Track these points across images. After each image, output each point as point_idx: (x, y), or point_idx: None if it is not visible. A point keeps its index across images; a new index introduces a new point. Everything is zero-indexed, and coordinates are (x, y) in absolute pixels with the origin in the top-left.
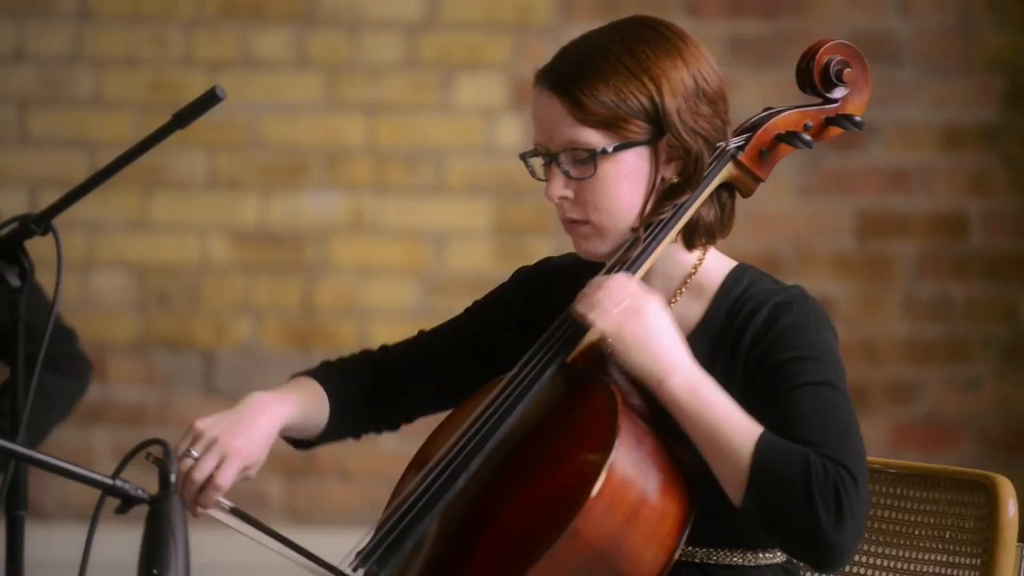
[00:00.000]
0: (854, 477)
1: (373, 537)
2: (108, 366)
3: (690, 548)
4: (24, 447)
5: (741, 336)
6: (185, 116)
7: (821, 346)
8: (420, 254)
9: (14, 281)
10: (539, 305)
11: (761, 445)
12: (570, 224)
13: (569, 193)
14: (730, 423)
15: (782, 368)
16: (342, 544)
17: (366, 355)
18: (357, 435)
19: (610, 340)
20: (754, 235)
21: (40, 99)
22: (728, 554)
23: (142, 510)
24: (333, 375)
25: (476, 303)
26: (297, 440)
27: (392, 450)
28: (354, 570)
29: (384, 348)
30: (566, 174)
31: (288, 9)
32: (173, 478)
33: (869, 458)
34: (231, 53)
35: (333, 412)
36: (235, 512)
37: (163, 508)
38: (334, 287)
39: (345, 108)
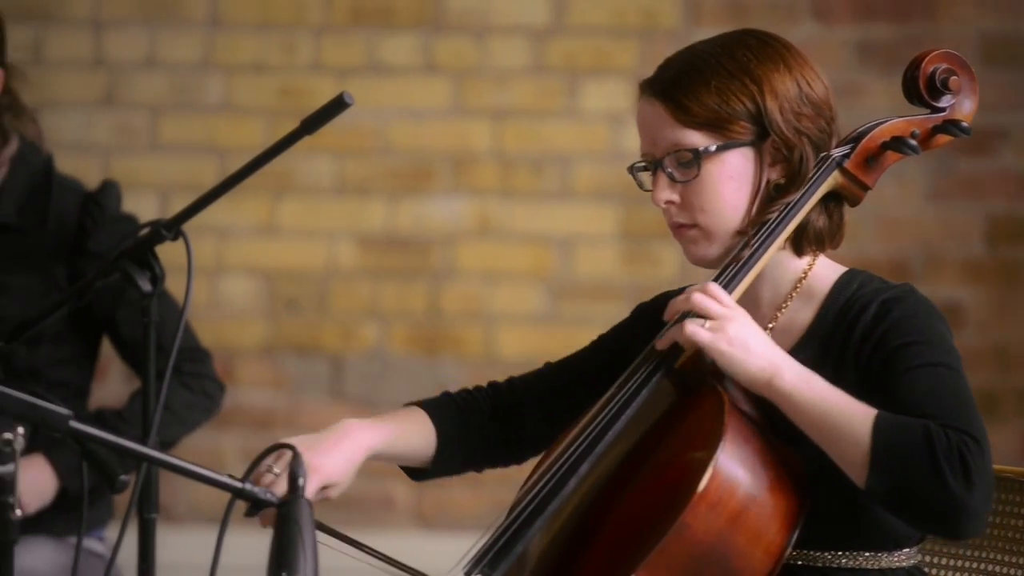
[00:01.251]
0: (978, 442)
1: (485, 541)
2: (237, 371)
3: (813, 552)
4: (155, 451)
5: (851, 333)
6: (313, 122)
7: (933, 333)
8: (546, 259)
9: (145, 286)
10: (656, 336)
11: (879, 422)
12: (678, 229)
13: (675, 197)
14: (845, 407)
15: (896, 354)
16: (471, 545)
17: (491, 387)
18: (477, 468)
19: (707, 353)
20: (883, 240)
21: (171, 105)
22: (854, 557)
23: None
24: (447, 408)
25: (599, 338)
26: (412, 470)
27: None
28: (467, 574)
29: (510, 380)
30: (670, 177)
31: (416, 15)
32: (301, 481)
33: (1000, 466)
34: (359, 59)
35: (440, 445)
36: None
37: (292, 511)
38: (461, 292)
39: (472, 113)
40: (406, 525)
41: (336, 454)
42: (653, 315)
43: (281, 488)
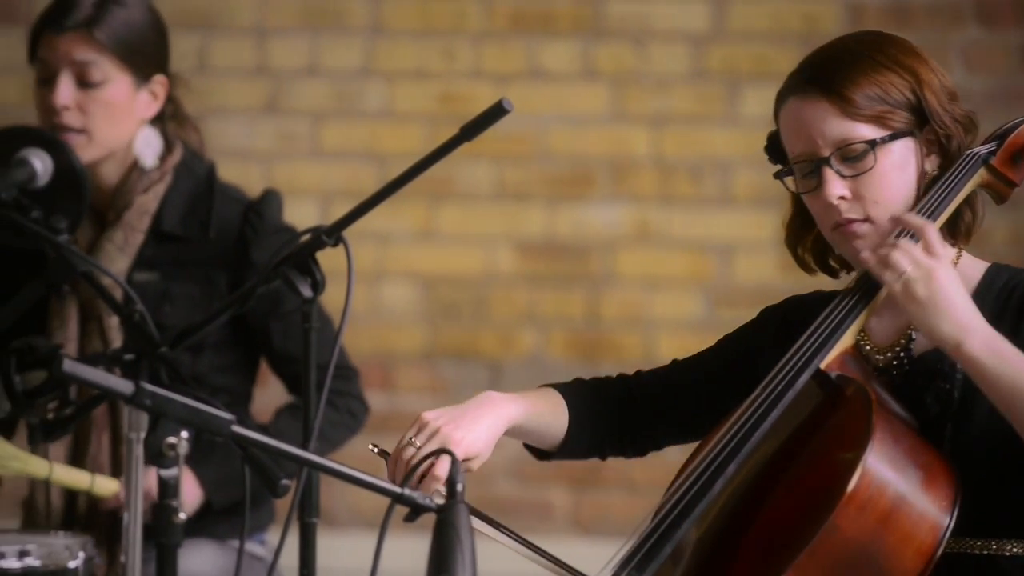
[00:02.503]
0: None
1: (633, 543)
2: (396, 376)
3: (976, 540)
4: (317, 458)
5: (1020, 317)
6: (473, 128)
7: None
8: (706, 266)
9: (306, 292)
10: (785, 339)
11: None
12: (848, 225)
13: (847, 192)
14: None
15: None
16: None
17: (621, 378)
18: (601, 455)
19: (900, 301)
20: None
21: (332, 112)
22: (1018, 544)
23: (430, 518)
24: (580, 391)
25: (724, 338)
26: (537, 450)
27: (678, 461)
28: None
29: (638, 373)
30: (839, 173)
31: (576, 21)
32: (460, 487)
33: None
34: (519, 65)
35: (572, 427)
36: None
37: (451, 516)
38: (619, 298)
39: (631, 119)
40: (563, 531)
41: (477, 427)
42: (780, 318)
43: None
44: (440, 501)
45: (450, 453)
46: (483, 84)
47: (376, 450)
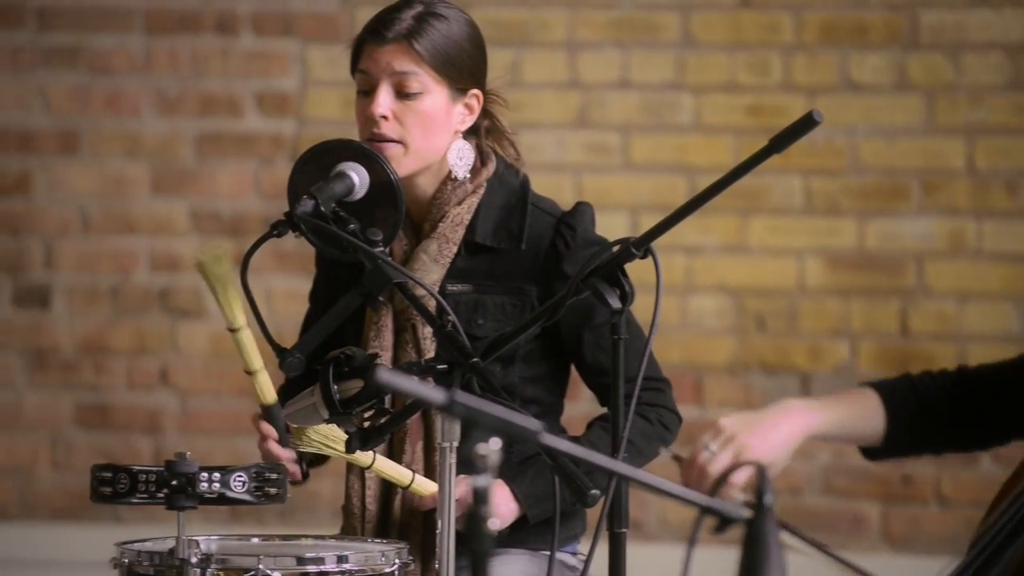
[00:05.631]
0: None
1: (960, 563)
2: (706, 388)
3: None
4: (626, 467)
5: None
6: (783, 140)
7: None
8: (1020, 279)
9: (615, 303)
10: None
11: None
12: None
13: None
14: None
15: None
16: (938, 570)
17: (958, 372)
18: (935, 451)
19: None
20: None
21: (642, 125)
22: None
23: (740, 530)
24: (902, 389)
25: None
26: (864, 449)
27: (992, 474)
28: None
29: (979, 365)
30: None
31: (889, 32)
32: (768, 499)
33: None
34: (830, 77)
35: (890, 427)
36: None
37: (760, 528)
38: (932, 311)
39: (945, 131)
40: (875, 545)
41: (773, 435)
42: None
43: (719, 466)
44: (745, 511)
45: (758, 464)
46: (794, 96)
47: (671, 455)
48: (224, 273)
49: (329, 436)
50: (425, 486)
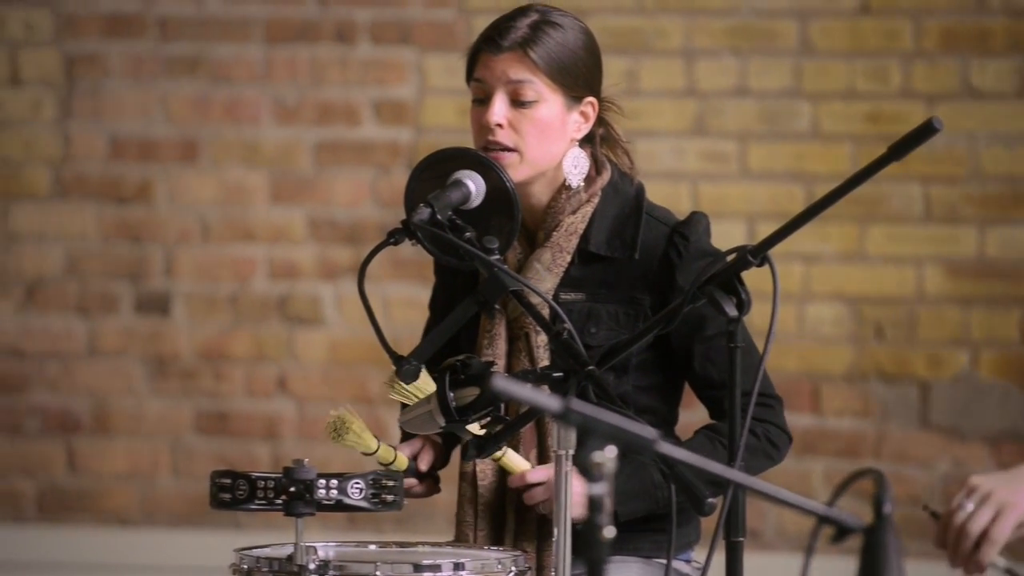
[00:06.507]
0: None
1: None
2: (823, 396)
3: None
4: (742, 476)
5: None
6: (902, 148)
7: None
8: None
9: (731, 311)
10: None
11: None
12: None
13: None
14: None
15: None
16: None
17: None
18: None
19: None
20: None
21: (760, 133)
22: None
23: (858, 540)
24: None
25: None
26: None
27: None
28: None
29: None
30: None
31: (1011, 39)
32: (887, 508)
33: None
34: (950, 84)
35: None
36: (1010, 573)
37: (878, 538)
38: None
39: None
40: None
41: None
42: None
43: (980, 523)
44: (1000, 571)
45: (876, 473)
46: (913, 103)
47: (929, 511)
48: (353, 437)
49: (420, 388)
50: (516, 462)
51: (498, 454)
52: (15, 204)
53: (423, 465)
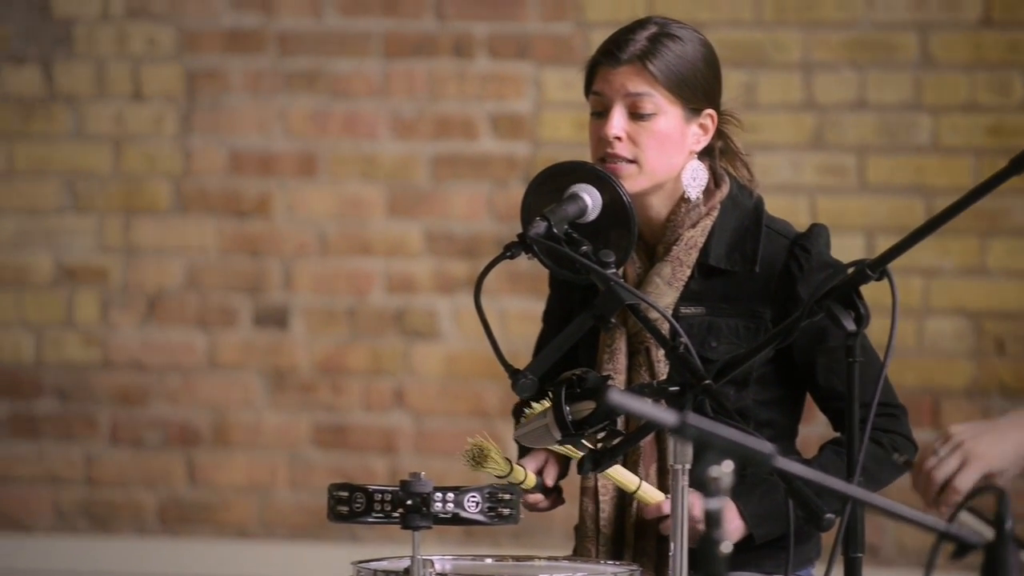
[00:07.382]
0: None
1: None
2: (943, 412)
3: None
4: (861, 492)
5: None
6: (1023, 161)
7: None
8: None
9: (849, 325)
10: None
11: None
12: None
13: None
14: None
15: None
16: None
17: None
18: None
19: None
20: None
21: (879, 146)
22: None
23: (978, 557)
24: None
25: None
26: None
27: None
28: None
29: None
30: None
31: None
32: (1009, 525)
33: None
34: None
35: None
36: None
37: (999, 555)
38: None
39: None
40: None
41: (1003, 443)
42: None
43: (944, 471)
44: (985, 537)
45: (999, 491)
46: None
47: (902, 460)
48: (492, 464)
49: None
50: (651, 494)
51: (633, 487)
52: (137, 218)
53: (549, 480)
